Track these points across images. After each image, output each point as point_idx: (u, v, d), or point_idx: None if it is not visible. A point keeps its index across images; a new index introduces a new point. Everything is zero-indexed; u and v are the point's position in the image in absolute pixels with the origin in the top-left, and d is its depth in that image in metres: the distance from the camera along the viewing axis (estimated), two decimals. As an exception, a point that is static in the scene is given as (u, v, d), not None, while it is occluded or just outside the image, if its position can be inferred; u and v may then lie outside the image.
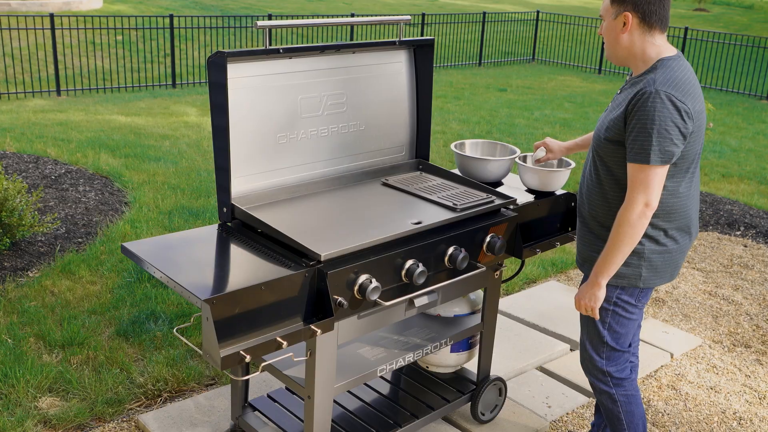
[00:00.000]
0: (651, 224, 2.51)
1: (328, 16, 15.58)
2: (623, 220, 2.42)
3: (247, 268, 2.33)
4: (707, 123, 6.80)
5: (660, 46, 2.47)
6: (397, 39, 3.01)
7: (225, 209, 2.62)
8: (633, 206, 2.40)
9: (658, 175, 2.38)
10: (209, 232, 2.62)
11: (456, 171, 3.22)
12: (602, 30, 2.55)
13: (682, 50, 14.34)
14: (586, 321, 2.73)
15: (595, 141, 2.60)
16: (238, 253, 2.46)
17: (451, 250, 2.66)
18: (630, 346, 2.75)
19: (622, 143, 2.45)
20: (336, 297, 2.34)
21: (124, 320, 3.98)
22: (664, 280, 2.64)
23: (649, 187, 2.38)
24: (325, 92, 2.85)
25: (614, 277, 2.57)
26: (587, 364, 2.78)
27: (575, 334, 4.09)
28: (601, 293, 2.55)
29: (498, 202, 2.87)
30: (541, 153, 3.12)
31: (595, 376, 2.77)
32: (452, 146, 3.24)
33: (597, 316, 2.60)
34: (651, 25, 2.44)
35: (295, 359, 2.48)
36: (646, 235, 2.52)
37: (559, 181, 3.10)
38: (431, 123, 3.24)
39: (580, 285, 2.67)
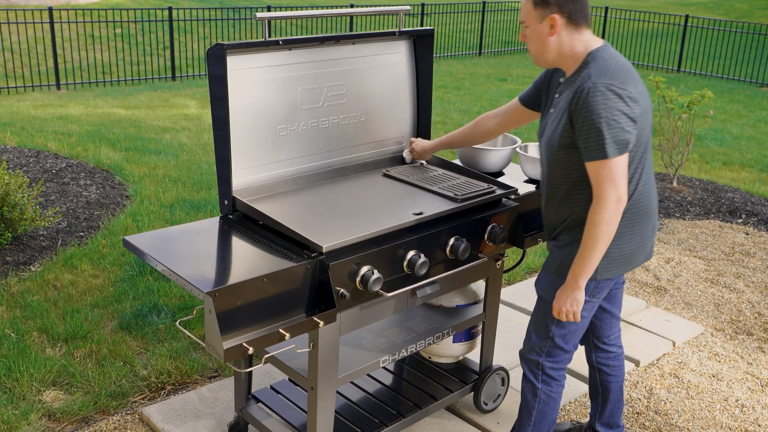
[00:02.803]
0: None
1: (327, 7, 15.53)
2: (598, 219, 2.34)
3: (249, 260, 2.33)
4: (707, 110, 6.79)
5: (587, 40, 2.43)
6: (397, 29, 3.00)
7: (226, 201, 2.62)
8: (605, 203, 2.33)
9: (620, 165, 2.33)
10: (211, 225, 2.62)
11: (457, 161, 3.21)
12: (525, 36, 2.48)
13: (682, 39, 14.30)
14: (536, 311, 2.66)
15: (547, 151, 2.51)
16: (239, 246, 2.46)
17: (452, 240, 2.66)
18: (576, 346, 2.66)
19: (576, 146, 2.39)
20: (338, 288, 2.35)
21: (127, 313, 3.99)
22: (623, 270, 2.56)
23: (616, 181, 2.32)
24: (325, 83, 2.85)
25: (566, 270, 2.49)
26: (525, 349, 2.71)
27: (577, 324, 4.09)
28: (581, 295, 2.46)
29: (499, 192, 2.86)
30: (407, 156, 3.14)
31: (528, 363, 2.70)
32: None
33: (579, 319, 2.52)
34: (577, 23, 2.40)
35: (298, 351, 2.48)
36: None
37: (560, 171, 3.10)
38: (432, 113, 3.24)
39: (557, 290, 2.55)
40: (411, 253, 2.52)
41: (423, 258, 2.52)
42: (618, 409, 2.98)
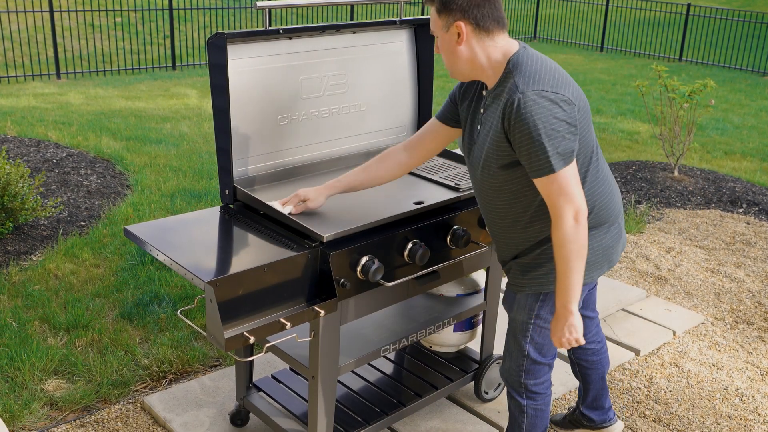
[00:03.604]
0: None
1: (327, -4, 15.47)
2: (562, 239, 2.19)
3: (249, 249, 2.33)
4: (709, 100, 6.77)
5: (503, 46, 2.23)
6: (398, 18, 2.99)
7: (227, 191, 2.62)
8: (563, 221, 2.17)
9: (570, 176, 2.15)
10: (211, 214, 2.62)
11: (457, 150, 3.21)
12: (437, 47, 2.30)
13: (684, 27, 14.24)
14: (508, 332, 2.59)
15: (484, 173, 2.33)
16: (240, 235, 2.46)
17: (453, 229, 2.66)
18: (554, 356, 2.59)
19: (518, 162, 2.22)
20: (339, 278, 2.35)
21: (128, 303, 4.00)
22: (604, 269, 2.46)
23: (569, 194, 2.15)
24: (325, 73, 2.84)
25: (533, 285, 2.39)
26: (505, 370, 2.64)
27: (578, 313, 4.10)
28: (577, 320, 2.30)
29: (500, 181, 2.85)
30: (287, 209, 2.49)
31: (511, 385, 2.63)
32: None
33: (583, 342, 2.36)
34: (488, 29, 2.21)
35: (299, 340, 2.49)
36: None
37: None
38: (432, 103, 3.23)
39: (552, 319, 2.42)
40: (412, 243, 2.52)
41: (424, 247, 2.52)
42: (602, 394, 2.99)
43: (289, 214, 2.46)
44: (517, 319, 2.52)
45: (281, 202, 2.51)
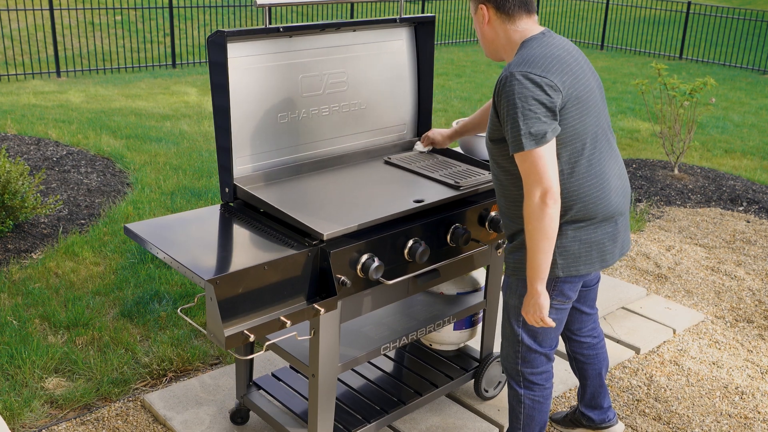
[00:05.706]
0: None
1: (328, -6, 15.46)
2: (527, 216, 2.27)
3: (250, 247, 2.33)
4: (709, 98, 6.77)
5: (524, 30, 2.36)
6: (398, 16, 2.99)
7: (227, 189, 2.62)
8: (530, 199, 2.24)
9: (542, 157, 2.21)
10: (211, 213, 2.62)
11: (458, 149, 3.21)
12: None
13: (685, 25, 14.23)
14: (504, 316, 2.60)
15: (487, 145, 2.47)
16: (240, 233, 2.46)
17: (453, 228, 2.66)
18: (553, 347, 2.61)
19: (504, 140, 2.33)
20: (339, 276, 2.35)
21: (129, 301, 4.00)
22: (595, 267, 2.46)
23: (537, 174, 2.22)
24: (325, 71, 2.84)
25: (522, 269, 2.43)
26: (502, 357, 2.67)
27: (578, 311, 4.10)
28: (544, 300, 2.35)
29: (500, 179, 2.86)
30: (420, 147, 3.13)
31: (509, 372, 2.65)
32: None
33: (551, 324, 2.40)
34: (510, 13, 2.35)
35: (299, 338, 2.49)
36: None
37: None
38: (433, 101, 3.23)
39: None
40: (412, 241, 2.52)
41: (424, 245, 2.52)
42: (600, 392, 2.99)
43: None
44: (509, 303, 2.55)
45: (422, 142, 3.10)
